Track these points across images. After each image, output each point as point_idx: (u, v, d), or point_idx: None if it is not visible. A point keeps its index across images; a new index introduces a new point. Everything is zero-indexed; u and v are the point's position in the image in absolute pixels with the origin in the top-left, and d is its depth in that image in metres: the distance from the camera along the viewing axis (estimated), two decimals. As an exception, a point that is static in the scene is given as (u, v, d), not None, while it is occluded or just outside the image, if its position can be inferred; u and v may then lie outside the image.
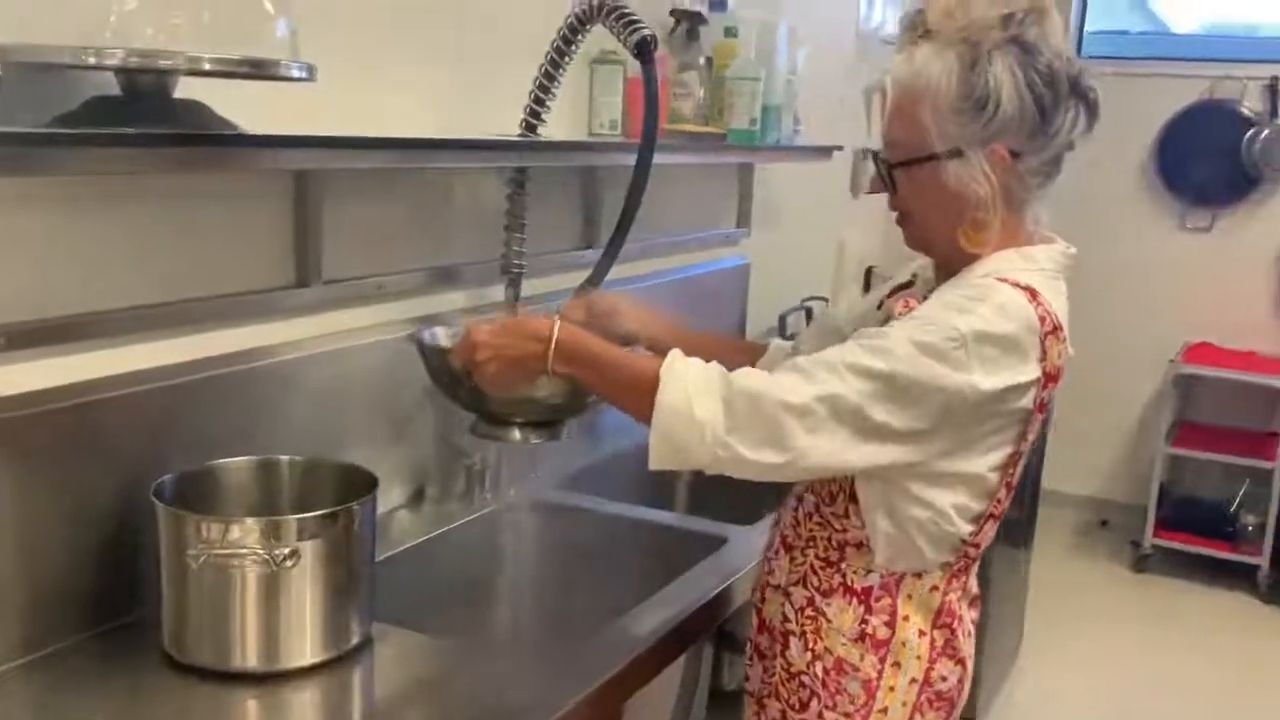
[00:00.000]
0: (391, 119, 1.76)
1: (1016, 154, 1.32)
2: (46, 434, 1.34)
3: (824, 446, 1.27)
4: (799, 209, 3.23)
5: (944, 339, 1.26)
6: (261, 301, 1.63)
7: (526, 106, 1.83)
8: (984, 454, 1.35)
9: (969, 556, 1.42)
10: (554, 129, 1.88)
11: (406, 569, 1.75)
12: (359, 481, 1.46)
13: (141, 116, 1.23)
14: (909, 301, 1.37)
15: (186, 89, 1.31)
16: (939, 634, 1.42)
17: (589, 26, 1.75)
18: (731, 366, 1.71)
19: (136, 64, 1.17)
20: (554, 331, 1.37)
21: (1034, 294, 1.31)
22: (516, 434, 1.60)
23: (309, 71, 1.30)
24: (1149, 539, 4.33)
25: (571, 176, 2.25)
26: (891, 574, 1.40)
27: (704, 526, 1.96)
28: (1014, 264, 1.34)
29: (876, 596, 1.40)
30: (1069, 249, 1.41)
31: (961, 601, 1.46)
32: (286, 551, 1.31)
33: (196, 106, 1.31)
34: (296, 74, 1.27)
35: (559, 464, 2.13)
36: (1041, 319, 1.30)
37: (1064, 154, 1.37)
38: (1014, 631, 3.51)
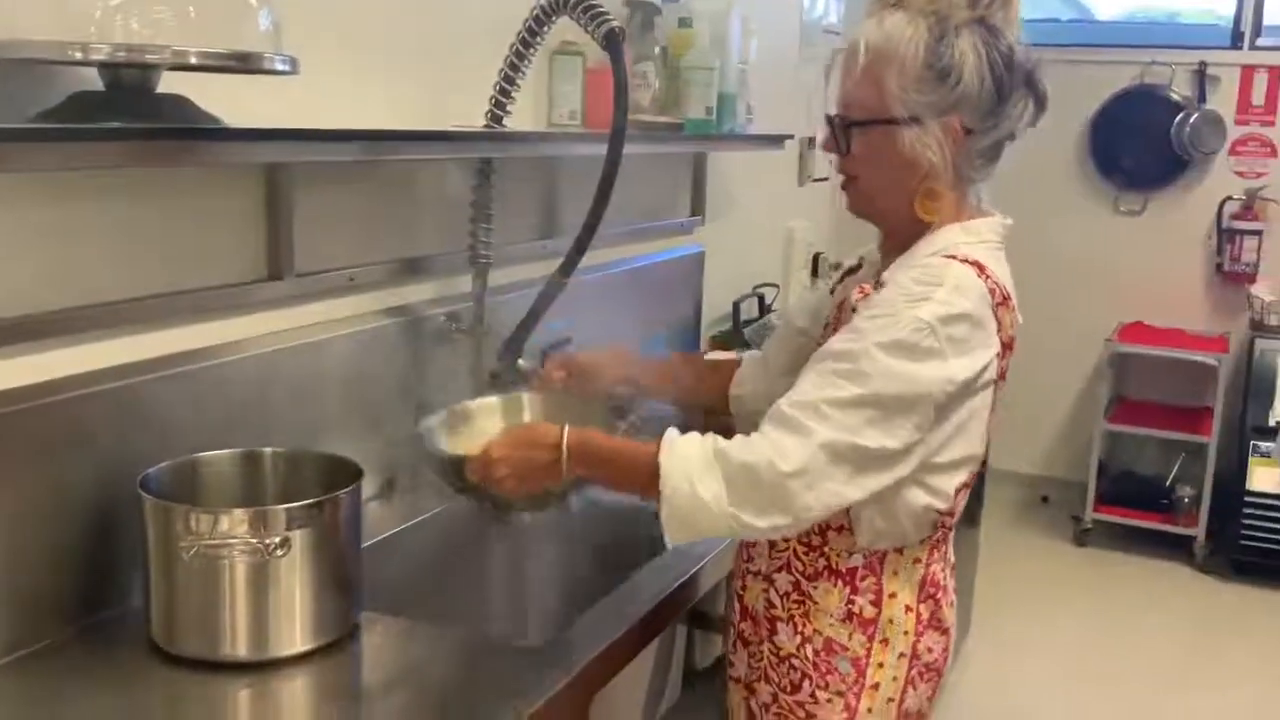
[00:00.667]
0: (361, 111, 1.77)
1: (969, 130, 1.37)
2: (23, 432, 1.34)
3: (826, 498, 1.30)
4: (749, 198, 3.27)
5: (911, 331, 1.29)
6: (235, 295, 1.63)
7: (492, 98, 1.85)
8: (978, 430, 1.39)
9: (946, 526, 1.47)
10: (514, 120, 1.89)
11: (382, 560, 1.75)
12: (342, 471, 1.47)
13: (126, 112, 1.23)
14: (863, 288, 1.40)
15: (167, 83, 1.31)
16: (924, 607, 1.46)
17: (555, 18, 1.77)
18: (710, 388, 1.78)
19: (124, 59, 1.16)
20: (564, 439, 1.40)
21: (981, 268, 1.35)
22: (528, 517, 1.64)
23: (292, 64, 1.30)
24: (1089, 513, 4.44)
25: (534, 167, 2.27)
26: (874, 553, 1.43)
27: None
28: (959, 238, 1.38)
29: (861, 576, 1.43)
30: (1006, 220, 1.45)
31: (944, 570, 1.50)
32: (276, 541, 1.32)
33: (180, 101, 1.30)
34: (280, 67, 1.28)
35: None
36: (991, 291, 1.35)
37: (1005, 142, 1.41)
38: (963, 604, 3.58)
